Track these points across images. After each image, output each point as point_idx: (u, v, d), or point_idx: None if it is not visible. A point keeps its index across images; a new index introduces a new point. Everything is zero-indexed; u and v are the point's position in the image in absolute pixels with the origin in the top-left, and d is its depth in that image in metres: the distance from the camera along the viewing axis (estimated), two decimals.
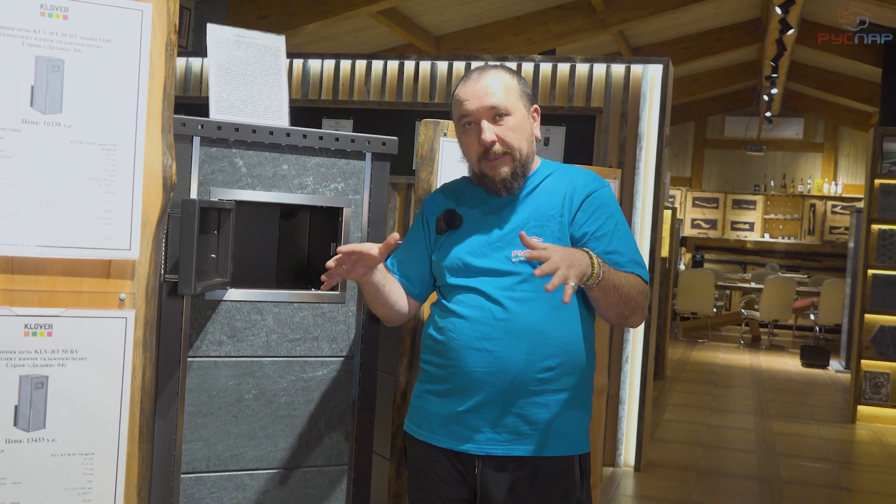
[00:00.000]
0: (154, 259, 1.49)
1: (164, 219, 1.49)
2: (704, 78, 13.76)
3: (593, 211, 2.10)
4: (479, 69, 2.17)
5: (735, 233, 15.66)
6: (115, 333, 1.47)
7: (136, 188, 1.45)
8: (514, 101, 2.11)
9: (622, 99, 5.59)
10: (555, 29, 9.17)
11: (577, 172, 2.19)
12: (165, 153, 1.49)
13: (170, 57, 1.46)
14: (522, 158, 2.12)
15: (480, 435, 2.07)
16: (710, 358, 10.96)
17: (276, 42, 2.59)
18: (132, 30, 1.44)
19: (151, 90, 1.45)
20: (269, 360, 2.38)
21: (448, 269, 2.16)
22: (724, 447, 6.44)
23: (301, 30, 7.60)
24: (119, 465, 1.46)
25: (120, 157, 1.44)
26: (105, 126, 1.44)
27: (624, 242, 2.10)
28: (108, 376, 1.46)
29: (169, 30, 1.46)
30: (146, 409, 1.54)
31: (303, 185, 2.39)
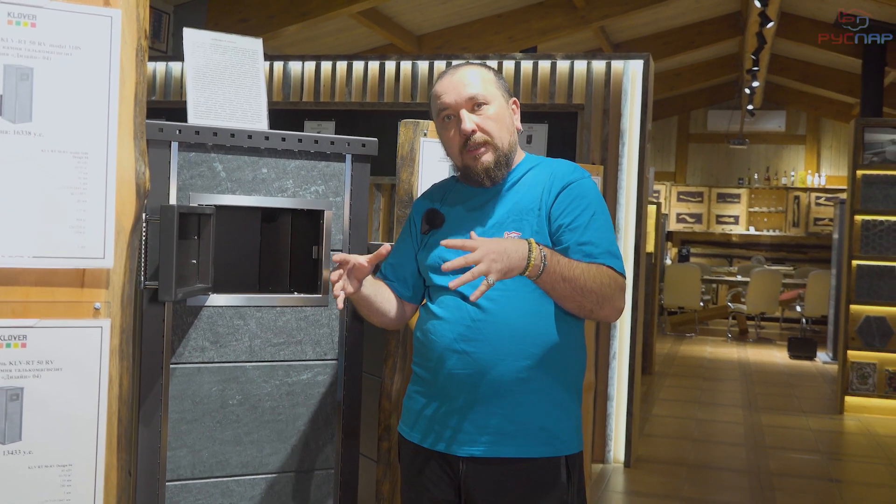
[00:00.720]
0: (129, 267, 1.47)
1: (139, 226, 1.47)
2: (686, 72, 13.79)
3: (570, 202, 2.07)
4: (455, 66, 2.17)
5: (720, 226, 15.70)
6: (91, 343, 1.45)
7: (109, 196, 1.43)
8: (492, 90, 2.11)
9: (604, 95, 5.59)
10: (536, 26, 9.17)
11: (557, 164, 2.17)
12: (138, 160, 1.47)
13: (140, 63, 1.45)
14: (504, 147, 2.11)
15: (463, 436, 2.06)
16: (698, 352, 10.99)
17: (253, 45, 2.57)
18: (102, 36, 1.42)
19: (122, 97, 1.43)
20: (253, 365, 2.36)
21: (431, 269, 2.16)
22: (713, 441, 6.45)
23: (281, 32, 7.57)
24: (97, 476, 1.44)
25: (92, 164, 1.42)
26: (76, 134, 1.42)
27: (599, 233, 2.06)
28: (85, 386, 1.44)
29: (139, 35, 1.44)
30: (124, 419, 1.52)
31: (283, 189, 2.38)
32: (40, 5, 1.40)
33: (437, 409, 2.10)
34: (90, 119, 1.42)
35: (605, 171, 5.52)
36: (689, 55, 12.44)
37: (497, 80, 2.15)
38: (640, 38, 11.35)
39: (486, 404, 2.03)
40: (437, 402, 2.10)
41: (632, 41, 11.36)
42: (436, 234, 2.17)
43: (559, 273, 1.95)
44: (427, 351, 2.12)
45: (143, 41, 1.43)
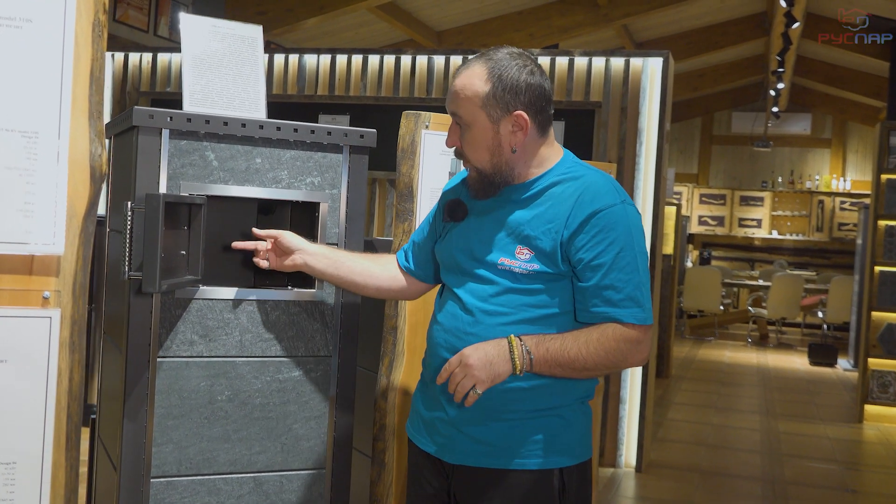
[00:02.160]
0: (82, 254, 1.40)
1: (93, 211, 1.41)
2: (710, 73, 13.64)
3: (594, 234, 1.88)
4: (470, 60, 2.01)
5: (742, 230, 15.52)
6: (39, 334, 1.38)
7: (61, 178, 1.36)
8: (472, 112, 1.94)
9: (622, 93, 5.49)
10: (557, 24, 9.08)
11: (591, 183, 1.94)
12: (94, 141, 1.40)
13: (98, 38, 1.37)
14: (486, 170, 1.97)
15: (453, 444, 2.00)
16: (717, 356, 10.86)
17: (253, 32, 2.51)
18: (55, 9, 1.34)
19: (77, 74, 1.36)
20: (243, 360, 2.29)
21: (442, 264, 2.11)
22: (728, 447, 6.34)
23: (301, 25, 7.52)
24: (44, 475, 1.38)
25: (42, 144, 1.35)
26: (25, 112, 1.34)
27: (624, 275, 1.89)
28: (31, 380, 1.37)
29: (97, 9, 1.37)
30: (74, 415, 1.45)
31: (277, 180, 2.31)
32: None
33: (432, 412, 2.05)
34: (41, 96, 1.35)
35: (622, 171, 5.43)
36: (713, 56, 12.29)
37: (490, 95, 1.93)
38: (663, 38, 11.23)
39: (476, 414, 1.96)
40: (431, 407, 2.05)
41: (655, 40, 11.23)
42: (454, 228, 2.08)
43: (551, 361, 1.88)
44: (429, 355, 2.08)
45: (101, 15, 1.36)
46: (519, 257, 1.93)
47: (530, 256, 1.92)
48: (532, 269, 1.91)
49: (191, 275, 2.20)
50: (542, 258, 1.92)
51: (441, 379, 1.92)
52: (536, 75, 1.96)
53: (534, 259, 1.92)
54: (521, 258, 1.92)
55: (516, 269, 1.92)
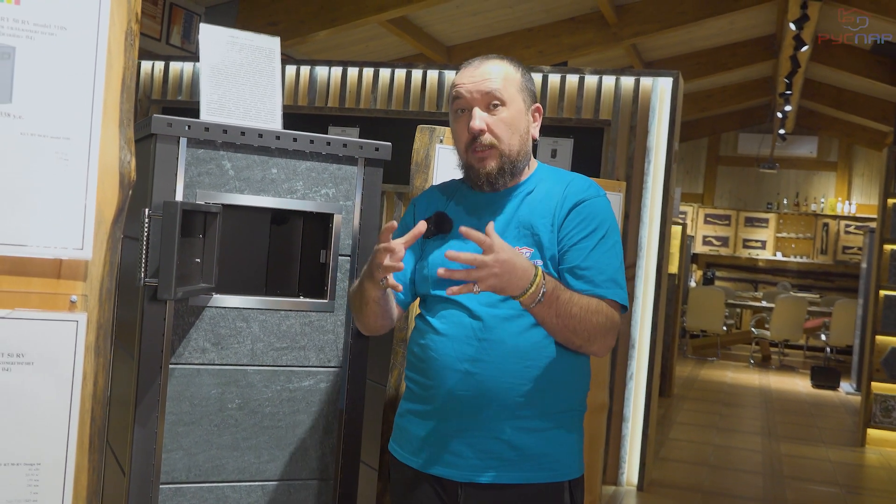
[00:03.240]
0: (109, 259, 1.42)
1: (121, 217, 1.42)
2: (718, 94, 13.67)
3: (579, 221, 1.97)
4: (483, 57, 2.04)
5: (747, 251, 15.52)
6: (66, 337, 1.39)
7: (91, 184, 1.37)
8: (512, 92, 1.98)
9: (631, 112, 5.51)
10: (567, 42, 9.11)
11: (572, 179, 2.06)
12: (123, 148, 1.42)
13: (130, 47, 1.39)
14: (512, 155, 1.99)
15: (463, 461, 1.95)
16: (719, 376, 10.84)
17: (270, 44, 2.53)
18: (89, 17, 1.36)
19: (109, 81, 1.38)
20: (255, 368, 2.31)
21: (432, 279, 2.03)
22: (729, 468, 6.33)
23: (311, 38, 7.56)
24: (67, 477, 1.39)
25: (73, 150, 1.37)
26: (58, 118, 1.36)
27: (604, 259, 1.95)
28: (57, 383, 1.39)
29: (129, 18, 1.39)
30: (98, 418, 1.46)
31: (292, 190, 2.33)
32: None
33: (433, 429, 1.98)
34: (74, 103, 1.37)
35: (630, 189, 5.44)
36: (722, 76, 12.33)
37: (523, 81, 2.01)
38: (672, 58, 11.26)
39: (488, 428, 1.93)
40: (433, 422, 1.98)
41: (664, 60, 11.27)
42: (439, 241, 2.04)
43: (554, 310, 1.86)
44: (426, 368, 2.00)
45: (133, 24, 1.39)
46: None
47: (530, 254, 1.96)
48: (537, 265, 1.90)
49: (205, 282, 2.21)
50: (542, 253, 1.96)
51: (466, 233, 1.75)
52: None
53: (535, 256, 1.96)
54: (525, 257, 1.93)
55: None
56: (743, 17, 9.89)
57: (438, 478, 1.98)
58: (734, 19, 9.82)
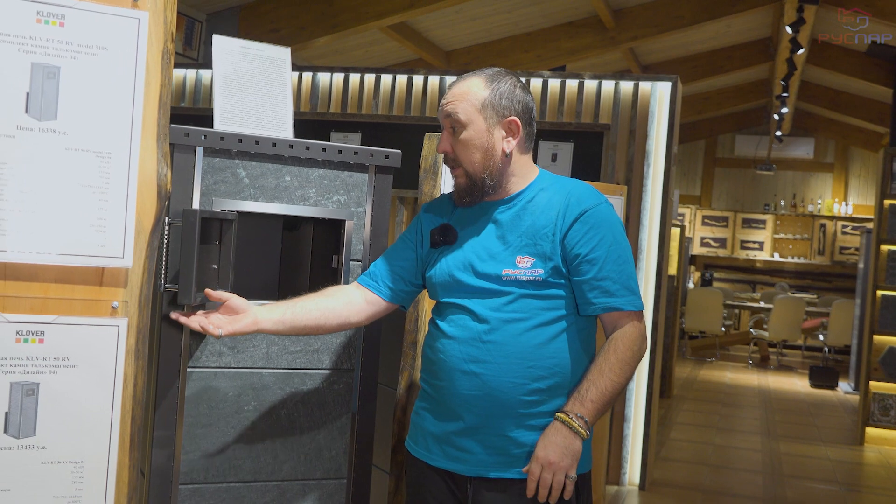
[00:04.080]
0: (147, 267, 1.48)
1: (159, 227, 1.49)
2: (715, 96, 13.75)
3: (586, 231, 2.03)
4: (460, 77, 2.14)
5: (745, 252, 15.60)
6: (108, 341, 1.46)
7: (131, 196, 1.44)
8: (470, 113, 2.06)
9: (630, 116, 5.58)
10: (565, 46, 9.18)
11: (573, 187, 2.12)
12: (160, 161, 1.48)
13: (166, 65, 1.46)
14: (476, 173, 2.08)
15: (472, 456, 2.05)
16: (718, 377, 10.91)
17: (281, 54, 2.59)
18: (128, 38, 1.43)
19: (147, 98, 1.45)
20: (269, 371, 2.37)
21: (440, 286, 2.14)
22: (730, 467, 6.39)
23: (312, 43, 7.62)
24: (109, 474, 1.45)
25: (114, 164, 1.44)
26: (100, 133, 1.43)
27: (617, 267, 2.04)
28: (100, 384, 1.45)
29: (166, 38, 1.46)
30: (137, 418, 1.53)
31: (305, 197, 2.39)
32: (69, 5, 1.42)
33: (443, 427, 2.10)
34: (114, 119, 1.44)
35: (630, 193, 5.51)
36: (718, 79, 12.40)
37: (489, 98, 2.06)
38: (669, 61, 11.34)
39: (494, 426, 2.03)
40: (444, 420, 2.10)
41: (661, 63, 11.34)
42: (445, 250, 2.15)
43: (600, 407, 2.01)
44: (436, 369, 2.11)
45: (169, 44, 1.45)
46: (521, 266, 2.03)
47: (531, 263, 2.03)
48: (537, 274, 2.02)
49: (221, 288, 2.27)
50: (544, 262, 2.03)
51: (531, 492, 1.98)
52: (528, 93, 2.13)
53: (536, 265, 2.03)
54: (524, 266, 2.03)
55: (522, 277, 2.02)
56: (739, 21, 9.97)
57: (450, 473, 2.09)
58: (731, 23, 9.89)
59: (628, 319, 2.05)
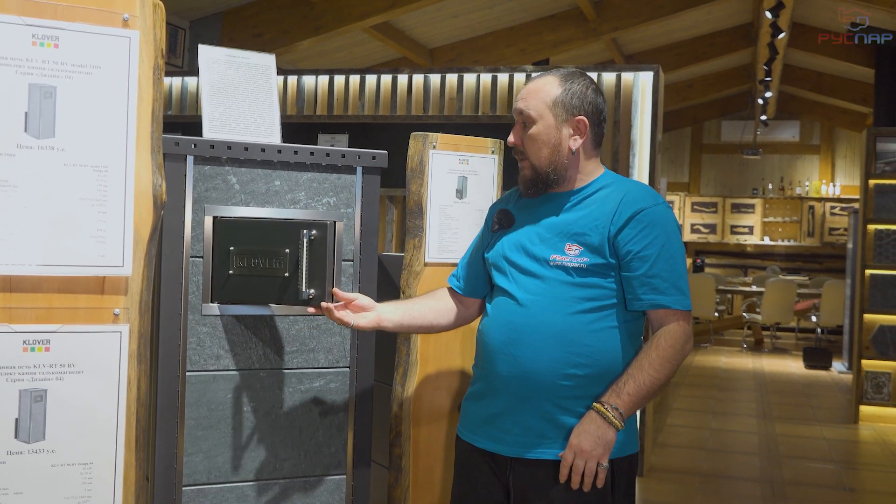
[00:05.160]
0: (146, 274, 1.54)
1: (156, 236, 1.54)
2: (699, 83, 13.83)
3: (640, 230, 2.09)
4: (541, 73, 2.23)
5: (735, 237, 15.69)
6: (111, 347, 1.52)
7: (128, 207, 1.50)
8: (540, 109, 2.14)
9: (614, 107, 5.64)
10: (548, 39, 9.24)
11: (632, 186, 2.18)
12: (155, 173, 1.54)
13: (157, 80, 1.52)
14: (542, 167, 2.16)
15: (511, 437, 2.13)
16: (713, 362, 10.99)
17: (266, 60, 2.64)
18: (120, 56, 1.49)
19: (140, 113, 1.50)
20: (266, 372, 2.42)
21: (493, 267, 2.25)
22: (726, 450, 6.47)
23: (295, 46, 7.67)
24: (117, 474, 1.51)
25: (111, 177, 1.50)
26: (96, 149, 1.49)
27: (668, 266, 2.09)
28: (105, 388, 1.51)
29: (156, 55, 1.51)
30: (142, 419, 1.59)
31: (295, 201, 2.44)
32: (63, 27, 1.48)
33: (487, 409, 2.19)
34: (110, 134, 1.49)
35: None
36: (702, 66, 12.48)
37: (560, 97, 2.14)
38: (651, 50, 11.40)
39: (529, 407, 2.11)
40: (487, 401, 2.19)
41: (643, 52, 11.41)
42: (504, 234, 2.25)
43: (637, 400, 2.05)
44: (481, 351, 2.23)
45: (159, 60, 1.51)
46: (569, 253, 2.11)
47: (580, 251, 2.10)
48: (583, 262, 2.10)
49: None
50: (591, 252, 2.10)
51: (564, 476, 2.06)
52: (599, 95, 2.21)
53: (583, 253, 2.10)
54: (572, 253, 2.11)
55: (568, 264, 2.10)
56: (719, 7, 10.04)
57: (492, 453, 2.18)
58: (711, 9, 9.96)
59: (675, 318, 2.10)
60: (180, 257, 2.31)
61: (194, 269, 2.34)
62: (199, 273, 2.34)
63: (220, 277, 2.35)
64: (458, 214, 2.73)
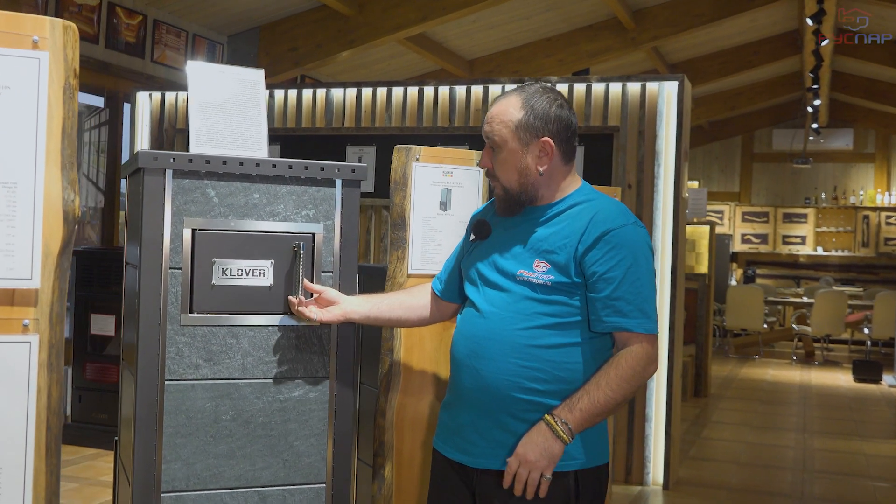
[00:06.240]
0: (58, 287, 1.59)
1: (68, 249, 1.59)
2: (747, 91, 13.65)
3: (607, 251, 2.07)
4: (506, 92, 2.23)
5: (787, 247, 15.43)
6: (20, 356, 1.57)
7: (37, 222, 1.56)
8: (504, 134, 2.16)
9: (639, 117, 5.61)
10: (585, 49, 9.21)
11: (604, 205, 2.16)
12: (66, 188, 1.59)
13: (69, 99, 1.57)
14: (512, 189, 2.17)
15: (476, 448, 2.16)
16: (759, 374, 10.81)
17: (255, 76, 2.69)
18: (30, 76, 1.55)
19: (50, 131, 1.56)
20: (246, 382, 2.46)
21: (466, 278, 2.29)
22: (759, 465, 6.36)
23: (334, 58, 7.76)
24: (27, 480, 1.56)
25: (20, 193, 1.56)
26: (6, 166, 1.56)
27: (633, 289, 2.07)
28: (14, 396, 1.57)
29: (67, 74, 1.57)
30: (53, 427, 1.63)
31: (274, 213, 2.48)
32: None
33: (455, 419, 2.22)
34: (19, 152, 1.56)
35: (641, 193, 5.54)
36: (748, 74, 12.31)
37: (522, 121, 2.15)
38: (695, 59, 11.30)
39: (492, 419, 2.12)
40: (455, 412, 2.22)
41: (687, 61, 11.30)
42: (479, 245, 2.28)
43: (588, 417, 2.06)
44: (451, 362, 2.26)
45: (71, 80, 1.56)
46: (536, 269, 2.11)
47: (547, 269, 2.11)
48: (548, 279, 2.10)
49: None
50: (557, 270, 2.10)
51: (507, 483, 2.08)
52: (565, 109, 2.19)
53: (550, 271, 2.10)
54: (539, 270, 2.11)
55: (534, 280, 2.11)
56: (763, 15, 9.91)
57: (460, 464, 2.21)
58: (755, 17, 9.84)
59: (637, 341, 2.09)
60: (159, 269, 2.37)
61: (173, 281, 2.39)
62: (177, 284, 2.39)
63: (199, 288, 2.40)
64: (441, 226, 2.75)
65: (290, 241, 2.54)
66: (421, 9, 7.24)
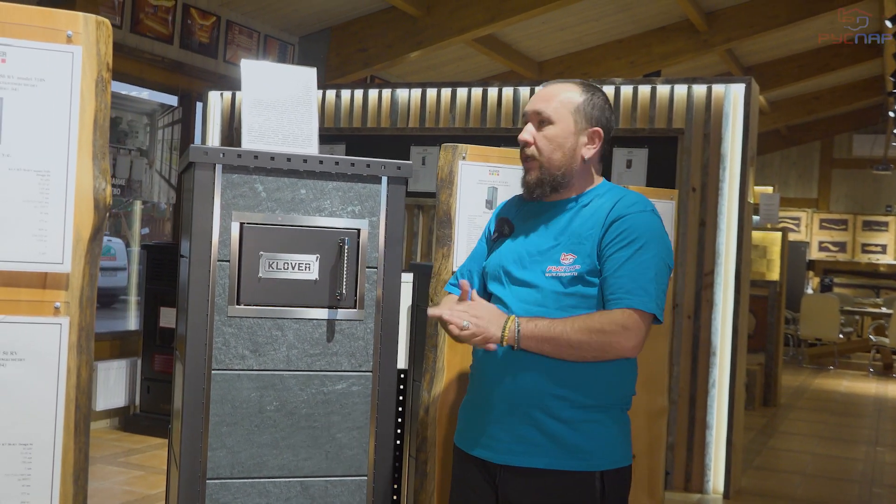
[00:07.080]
0: (89, 272, 1.66)
1: (99, 235, 1.66)
2: (827, 95, 13.33)
3: (616, 234, 2.11)
4: (555, 80, 2.27)
5: (866, 255, 15.01)
6: (51, 338, 1.65)
7: (69, 209, 1.63)
8: (562, 113, 2.18)
9: (704, 119, 5.53)
10: (657, 51, 9.12)
11: (621, 196, 2.20)
12: (97, 177, 1.66)
13: (101, 92, 1.64)
14: (552, 169, 2.19)
15: (501, 444, 2.15)
16: (833, 386, 10.54)
17: (307, 74, 2.74)
18: (64, 70, 1.63)
19: (83, 122, 1.63)
20: (290, 373, 2.51)
21: (490, 276, 2.28)
22: (825, 476, 6.21)
23: (403, 59, 7.83)
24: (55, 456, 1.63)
25: (53, 181, 1.63)
26: (40, 155, 1.64)
27: (635, 271, 2.08)
28: (45, 376, 1.64)
29: (100, 68, 1.64)
30: (82, 406, 1.70)
31: (321, 209, 2.53)
32: (10, 44, 1.63)
33: (478, 415, 2.22)
34: (52, 142, 1.63)
35: (706, 197, 5.46)
36: (828, 78, 12.02)
37: (582, 104, 2.19)
38: (771, 62, 11.08)
39: (519, 415, 2.12)
40: (479, 408, 2.22)
41: (763, 64, 11.09)
42: (503, 243, 2.29)
43: (538, 336, 2.05)
44: (476, 358, 2.26)
45: (104, 73, 1.62)
46: (563, 262, 2.13)
47: (573, 259, 2.13)
48: (576, 270, 2.11)
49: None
50: (583, 260, 2.12)
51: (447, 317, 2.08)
52: (613, 113, 2.26)
53: (577, 261, 2.12)
54: (566, 263, 2.13)
55: (563, 274, 2.12)
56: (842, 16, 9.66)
57: (483, 460, 2.20)
58: (833, 19, 9.60)
59: (629, 312, 2.06)
60: (208, 261, 2.43)
61: (221, 273, 2.45)
62: (225, 276, 2.46)
63: (247, 281, 2.46)
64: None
65: (336, 237, 2.59)
66: (489, 10, 7.26)
